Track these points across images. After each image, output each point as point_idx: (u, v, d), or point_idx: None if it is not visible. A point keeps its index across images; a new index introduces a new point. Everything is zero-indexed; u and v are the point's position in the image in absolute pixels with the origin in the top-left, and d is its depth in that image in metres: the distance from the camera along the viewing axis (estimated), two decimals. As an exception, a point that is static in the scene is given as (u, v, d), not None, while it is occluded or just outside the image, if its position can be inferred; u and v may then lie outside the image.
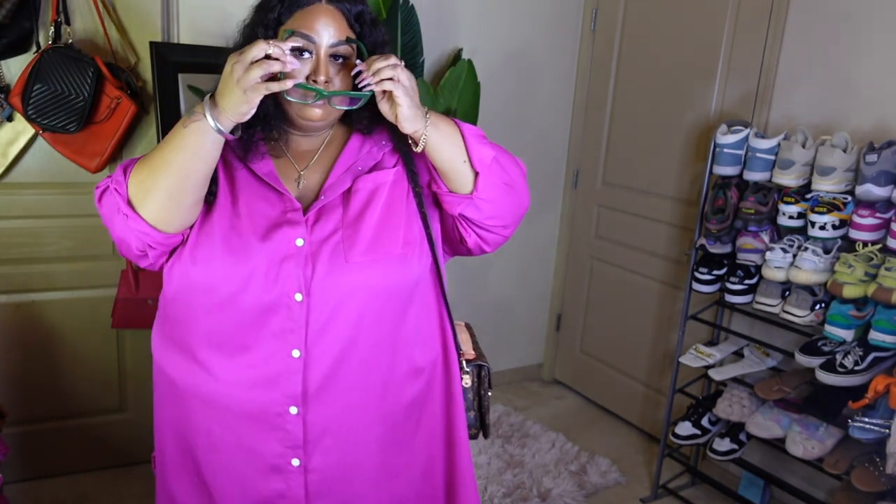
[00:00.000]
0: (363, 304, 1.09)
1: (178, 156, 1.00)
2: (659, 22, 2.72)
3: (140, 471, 2.47)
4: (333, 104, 1.05)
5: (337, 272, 1.07)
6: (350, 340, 1.10)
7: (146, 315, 2.31)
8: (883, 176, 1.79)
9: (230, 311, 1.08)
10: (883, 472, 1.79)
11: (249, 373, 1.09)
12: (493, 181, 1.10)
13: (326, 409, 1.11)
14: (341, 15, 1.07)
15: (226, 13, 2.36)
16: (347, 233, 1.09)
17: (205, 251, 1.07)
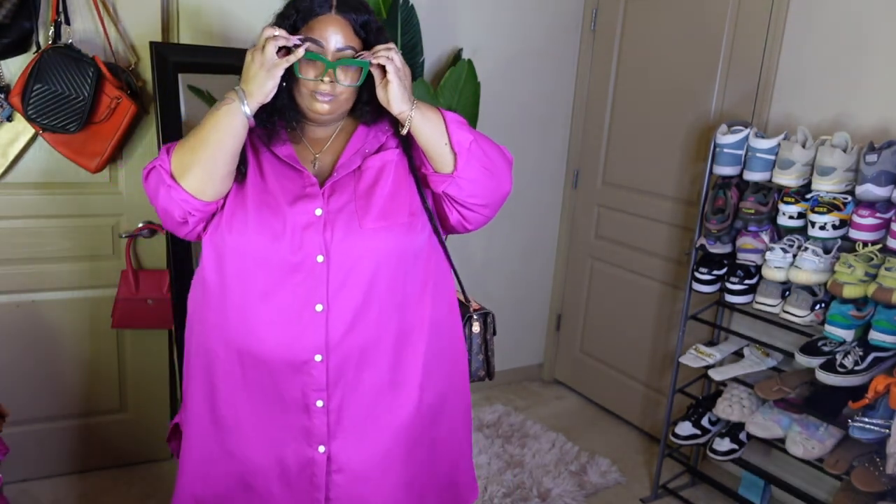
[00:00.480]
0: (376, 265, 1.27)
1: (213, 134, 1.20)
2: (659, 22, 2.72)
3: (140, 471, 2.47)
4: (340, 80, 1.22)
5: (352, 237, 1.25)
6: (365, 296, 1.27)
7: (146, 315, 2.31)
8: (883, 176, 1.79)
9: (260, 273, 1.25)
10: (883, 472, 1.79)
11: (279, 326, 1.25)
12: (472, 162, 1.26)
13: (346, 357, 1.28)
14: (348, 24, 1.24)
15: (226, 13, 2.36)
16: (360, 203, 1.27)
17: (239, 221, 1.25)
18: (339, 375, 1.28)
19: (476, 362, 1.52)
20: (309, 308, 1.25)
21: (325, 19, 1.22)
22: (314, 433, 1.30)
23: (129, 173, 2.27)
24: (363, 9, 1.27)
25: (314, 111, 1.26)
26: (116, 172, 2.26)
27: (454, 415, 1.45)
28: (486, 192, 1.30)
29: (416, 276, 1.33)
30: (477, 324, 1.51)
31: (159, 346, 2.43)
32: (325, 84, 1.22)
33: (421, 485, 1.40)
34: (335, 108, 1.26)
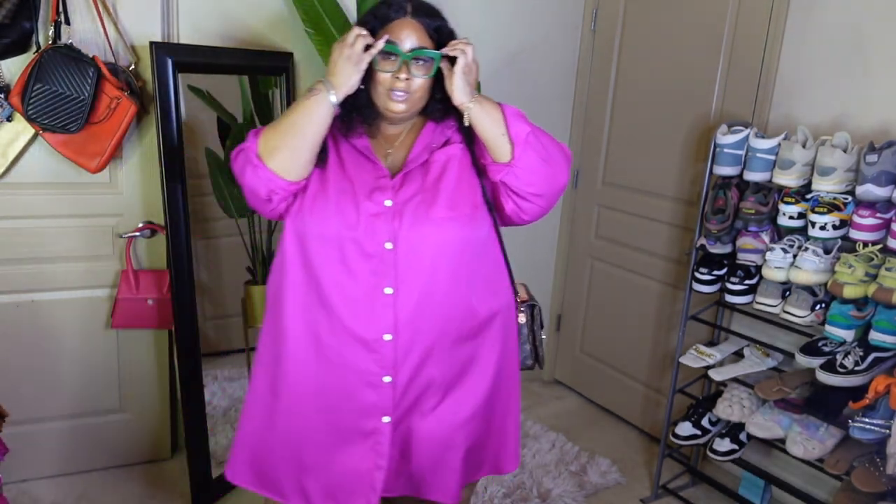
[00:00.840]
0: (440, 253, 1.38)
1: (300, 120, 1.33)
2: (659, 22, 2.72)
3: (140, 471, 2.47)
4: (413, 73, 1.34)
5: (418, 226, 1.36)
6: (430, 281, 1.38)
7: (146, 315, 2.31)
8: (883, 176, 1.79)
9: (337, 257, 1.37)
10: (883, 472, 1.78)
11: (353, 307, 1.36)
12: (528, 152, 1.35)
13: (412, 337, 1.39)
14: (422, 27, 1.36)
15: (226, 13, 2.36)
16: (427, 195, 1.38)
17: (320, 207, 1.37)
18: (406, 354, 1.39)
19: (523, 352, 1.61)
20: (379, 291, 1.36)
21: (401, 23, 1.35)
22: (380, 406, 1.41)
23: (130, 173, 2.27)
24: (436, 14, 1.40)
25: (390, 110, 1.37)
26: (116, 172, 2.26)
27: (507, 397, 1.56)
28: (541, 181, 1.38)
29: (477, 265, 1.44)
30: (523, 315, 1.60)
31: (159, 346, 2.43)
32: (401, 82, 1.34)
33: (475, 455, 1.53)
34: (410, 107, 1.38)
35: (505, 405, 1.57)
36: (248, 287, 2.72)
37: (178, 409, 2.51)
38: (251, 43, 2.39)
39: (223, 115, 2.57)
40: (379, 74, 1.35)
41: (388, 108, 1.37)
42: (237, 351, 3.00)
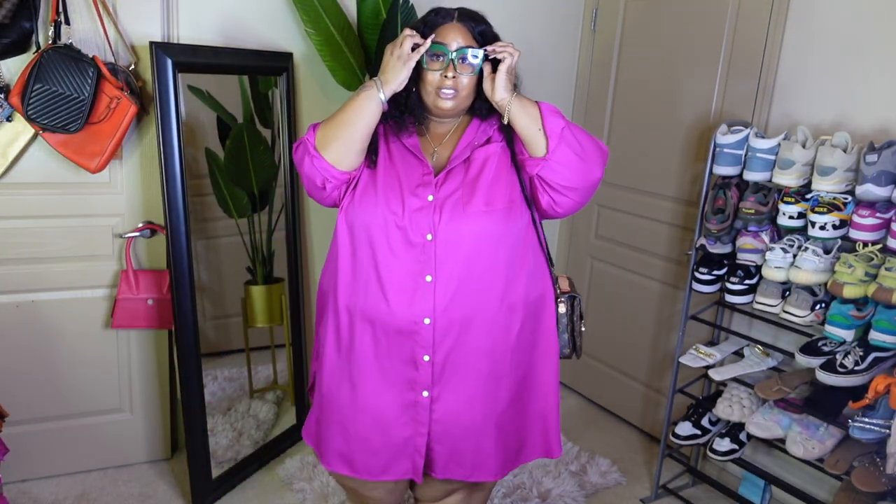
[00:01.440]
0: (476, 244, 1.48)
1: (352, 115, 1.46)
2: (659, 22, 2.72)
3: (140, 471, 2.48)
4: (459, 72, 1.45)
5: (457, 219, 1.47)
6: (467, 271, 1.49)
7: (146, 315, 2.31)
8: (883, 176, 1.79)
9: (383, 246, 1.49)
10: (883, 472, 1.78)
11: (397, 293, 1.49)
12: (562, 146, 1.43)
13: (450, 322, 1.50)
14: (467, 30, 1.48)
15: (226, 13, 2.36)
16: (466, 191, 1.48)
17: (369, 200, 1.50)
18: (444, 337, 1.51)
19: (561, 341, 1.67)
20: (421, 278, 1.48)
21: (448, 27, 1.47)
22: (419, 381, 1.54)
23: (130, 173, 2.27)
24: (481, 19, 1.52)
25: (439, 108, 1.49)
26: (116, 172, 2.26)
27: (545, 383, 1.65)
28: (576, 175, 1.46)
29: (514, 257, 1.53)
30: (563, 305, 1.66)
31: (159, 346, 2.43)
32: (448, 80, 1.45)
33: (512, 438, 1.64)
34: (457, 105, 1.49)
35: (544, 391, 1.66)
36: (248, 287, 2.72)
37: (178, 409, 2.52)
38: (251, 43, 2.40)
39: (223, 115, 2.57)
40: (428, 74, 1.46)
41: (436, 105, 1.49)
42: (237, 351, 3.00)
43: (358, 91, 1.47)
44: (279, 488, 2.44)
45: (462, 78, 1.46)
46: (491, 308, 1.53)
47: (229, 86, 2.58)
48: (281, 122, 2.49)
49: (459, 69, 1.46)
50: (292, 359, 2.71)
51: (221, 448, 2.53)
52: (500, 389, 1.59)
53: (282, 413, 2.84)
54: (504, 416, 1.61)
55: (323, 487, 2.40)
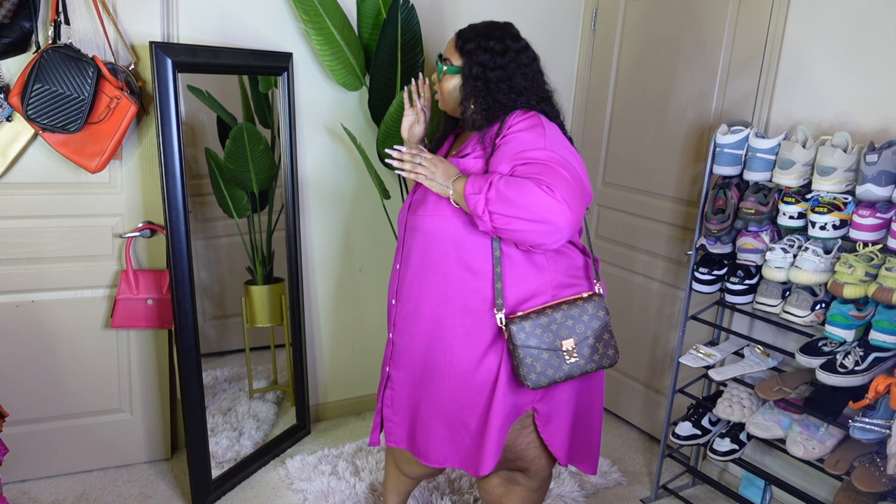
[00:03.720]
0: (426, 241, 1.69)
1: None
2: (659, 22, 2.72)
3: (140, 471, 2.47)
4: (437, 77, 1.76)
5: (414, 218, 1.72)
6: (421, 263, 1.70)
7: (146, 315, 2.31)
8: (883, 176, 1.79)
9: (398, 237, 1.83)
10: (884, 472, 1.78)
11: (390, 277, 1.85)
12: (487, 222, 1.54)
13: (403, 304, 1.76)
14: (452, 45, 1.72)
15: (226, 13, 2.36)
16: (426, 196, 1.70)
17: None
18: (401, 319, 1.77)
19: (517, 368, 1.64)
20: (397, 265, 1.80)
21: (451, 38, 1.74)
22: (386, 357, 1.84)
23: (129, 173, 2.27)
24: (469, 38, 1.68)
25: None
26: (116, 172, 2.26)
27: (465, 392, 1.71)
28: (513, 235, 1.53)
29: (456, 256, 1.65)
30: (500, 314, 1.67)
31: (159, 346, 2.43)
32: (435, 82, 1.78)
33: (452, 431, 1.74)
34: (443, 107, 1.77)
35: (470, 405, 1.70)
36: (248, 287, 2.72)
37: (178, 409, 2.52)
38: (251, 43, 2.39)
39: (223, 115, 2.57)
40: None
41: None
42: (237, 351, 3.01)
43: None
44: (279, 488, 2.44)
45: (441, 84, 1.75)
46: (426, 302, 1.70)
47: (229, 86, 2.58)
48: (281, 122, 2.49)
49: (438, 75, 1.75)
50: (292, 359, 2.71)
51: (221, 448, 2.53)
52: (436, 385, 1.71)
53: (282, 413, 2.84)
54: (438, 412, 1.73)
55: (323, 487, 2.40)
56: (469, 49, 1.67)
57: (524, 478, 1.85)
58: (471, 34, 1.68)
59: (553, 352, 1.63)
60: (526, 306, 1.65)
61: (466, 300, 1.65)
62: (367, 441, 2.71)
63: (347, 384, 2.96)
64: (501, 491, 1.90)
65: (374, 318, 2.94)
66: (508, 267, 1.64)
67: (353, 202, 2.77)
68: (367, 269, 2.88)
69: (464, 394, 1.68)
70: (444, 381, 1.70)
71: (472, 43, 1.66)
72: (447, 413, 1.72)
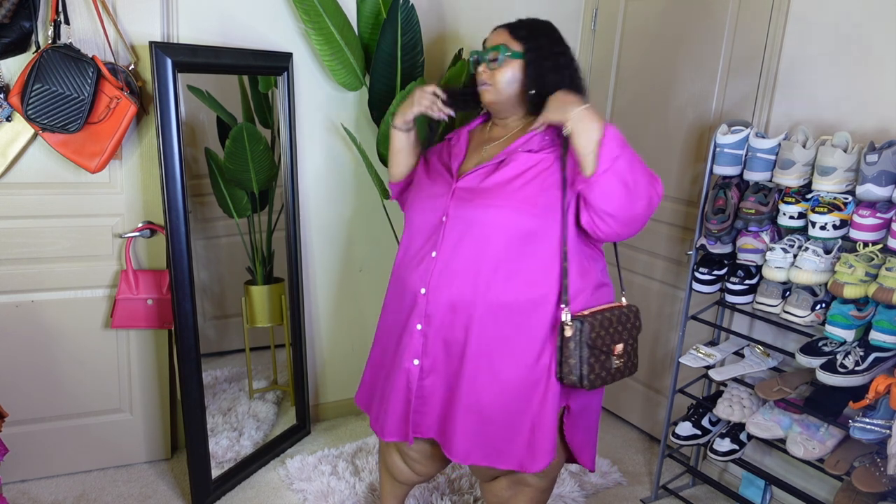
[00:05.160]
0: (479, 233, 1.63)
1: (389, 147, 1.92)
2: (659, 22, 2.71)
3: (140, 471, 2.47)
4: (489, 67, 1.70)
5: (464, 208, 1.65)
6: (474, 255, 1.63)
7: (146, 315, 2.31)
8: (883, 176, 1.79)
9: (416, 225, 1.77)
10: (884, 472, 1.78)
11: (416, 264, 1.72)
12: (609, 175, 1.52)
13: (438, 296, 1.67)
14: (507, 32, 1.71)
15: (226, 13, 2.36)
16: (481, 185, 1.66)
17: (413, 194, 1.86)
18: (434, 311, 1.67)
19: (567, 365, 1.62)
20: (430, 253, 1.69)
21: (494, 32, 1.75)
22: (411, 349, 1.71)
23: (129, 173, 2.27)
24: (526, 24, 1.72)
25: (483, 100, 1.74)
26: (116, 172, 2.26)
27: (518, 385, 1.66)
28: (616, 204, 1.54)
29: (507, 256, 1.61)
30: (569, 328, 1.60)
31: (159, 346, 2.43)
32: (483, 73, 1.70)
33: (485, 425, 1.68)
34: (496, 97, 1.71)
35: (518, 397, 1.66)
36: (248, 287, 2.72)
37: (178, 409, 2.52)
38: (251, 43, 2.39)
39: (223, 115, 2.57)
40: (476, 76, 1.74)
41: (482, 98, 1.74)
42: (237, 351, 3.01)
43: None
44: (279, 488, 2.44)
45: (493, 73, 1.68)
46: (471, 294, 1.63)
47: (229, 86, 2.58)
48: (281, 122, 2.49)
49: (490, 66, 1.69)
50: (292, 359, 2.71)
51: (221, 448, 2.53)
52: (477, 379, 1.65)
53: (282, 413, 2.84)
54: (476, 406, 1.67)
55: (323, 487, 2.40)
56: (526, 35, 1.68)
57: (534, 478, 1.81)
58: (524, 22, 1.72)
59: (607, 354, 1.64)
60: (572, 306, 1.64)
61: (527, 294, 1.62)
62: (367, 441, 2.71)
63: (348, 384, 2.96)
64: (509, 493, 1.85)
65: (374, 318, 2.94)
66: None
67: (353, 202, 2.77)
68: (367, 269, 2.88)
69: (520, 390, 1.65)
70: (496, 378, 1.65)
71: (525, 30, 1.69)
72: (496, 409, 1.66)
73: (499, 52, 1.67)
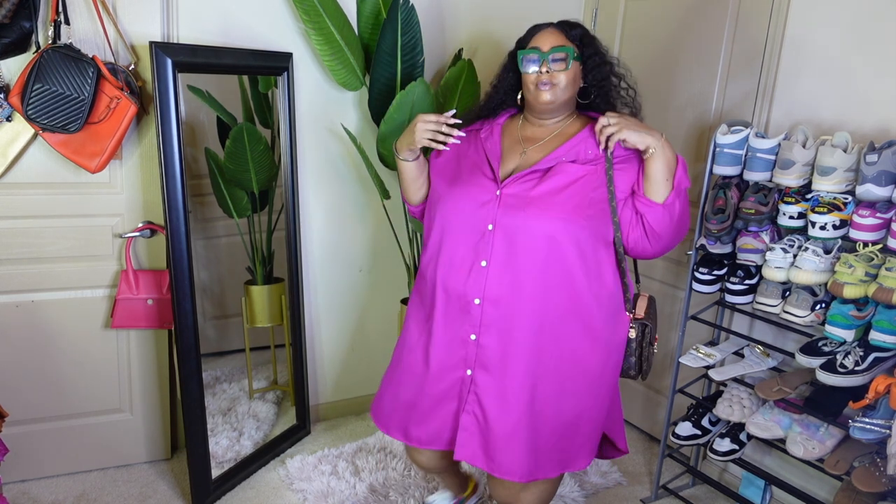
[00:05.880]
0: (531, 243, 1.61)
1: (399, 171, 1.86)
2: (659, 22, 2.71)
3: (140, 471, 2.47)
4: (552, 69, 1.65)
5: (513, 217, 1.62)
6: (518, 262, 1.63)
7: (146, 315, 2.31)
8: (883, 176, 1.79)
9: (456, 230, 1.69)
10: (884, 472, 1.78)
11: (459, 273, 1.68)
12: (677, 203, 1.62)
13: (496, 305, 1.64)
14: (561, 33, 1.69)
15: (226, 13, 2.36)
16: (531, 194, 1.63)
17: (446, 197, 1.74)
18: (491, 319, 1.65)
19: (627, 362, 1.76)
20: (478, 262, 1.65)
21: (543, 33, 1.70)
22: (467, 359, 1.69)
23: (129, 173, 2.27)
24: (577, 25, 1.72)
25: (540, 101, 1.67)
26: (116, 172, 2.26)
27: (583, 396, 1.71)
28: (670, 229, 1.65)
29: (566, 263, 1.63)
30: (633, 330, 1.73)
31: (159, 346, 2.43)
32: (544, 74, 1.65)
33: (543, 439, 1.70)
34: (555, 98, 1.67)
35: (579, 404, 1.71)
36: (248, 287, 2.73)
37: (178, 409, 2.52)
38: (251, 43, 2.39)
39: (223, 115, 2.58)
40: (526, 76, 1.68)
41: (538, 99, 1.67)
42: (237, 351, 3.01)
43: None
44: (279, 488, 2.44)
45: (557, 74, 1.65)
46: (537, 303, 1.63)
47: (229, 86, 2.58)
48: (281, 122, 2.49)
49: (552, 66, 1.65)
50: (292, 359, 2.71)
51: (221, 448, 2.53)
52: (537, 389, 1.67)
53: (282, 413, 2.85)
54: (538, 417, 1.68)
55: (323, 487, 2.40)
56: (580, 37, 1.70)
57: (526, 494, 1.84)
58: (572, 24, 1.73)
59: (651, 346, 1.78)
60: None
61: (581, 302, 1.65)
62: (367, 441, 2.71)
63: (347, 384, 2.96)
64: (519, 487, 1.83)
65: (375, 318, 2.95)
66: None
67: (353, 202, 2.77)
68: (367, 269, 2.88)
69: (583, 397, 1.71)
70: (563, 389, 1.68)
71: (578, 30, 1.71)
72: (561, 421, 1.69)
73: (567, 53, 1.65)
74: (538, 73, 1.65)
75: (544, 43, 1.67)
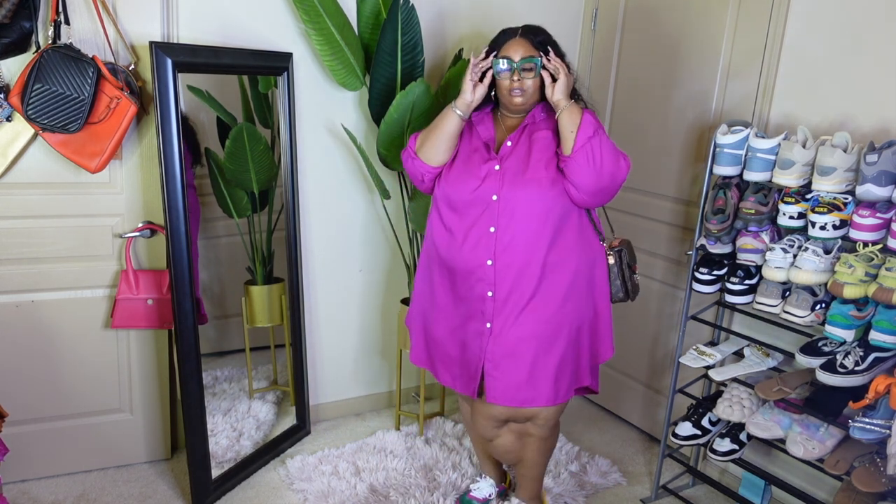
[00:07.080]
0: (530, 204, 1.89)
1: (438, 126, 2.00)
2: (659, 22, 2.71)
3: (140, 471, 2.48)
4: (523, 76, 1.91)
5: (514, 184, 1.90)
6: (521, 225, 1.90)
7: (146, 315, 2.31)
8: (883, 176, 1.79)
9: (464, 203, 1.96)
10: (884, 472, 1.78)
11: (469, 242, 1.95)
12: (582, 153, 1.84)
13: (507, 264, 1.92)
14: (528, 42, 1.93)
15: (226, 13, 2.36)
16: (521, 165, 1.92)
17: (451, 176, 2.00)
18: (503, 276, 1.92)
19: (614, 286, 2.07)
20: (486, 230, 1.93)
21: (513, 42, 1.94)
22: (485, 313, 1.96)
23: (129, 173, 2.27)
24: (541, 32, 1.96)
25: (512, 104, 1.96)
26: (116, 172, 2.26)
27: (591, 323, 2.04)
28: (586, 178, 1.85)
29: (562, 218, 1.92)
30: (611, 257, 2.04)
31: (159, 346, 2.43)
32: (515, 82, 1.92)
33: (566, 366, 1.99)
34: (525, 101, 1.95)
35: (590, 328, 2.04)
36: (248, 287, 2.73)
37: (178, 409, 2.52)
38: (251, 43, 2.39)
39: (223, 115, 2.57)
40: (500, 81, 1.94)
41: (511, 102, 1.95)
42: (237, 351, 3.01)
43: (445, 109, 1.99)
44: (279, 488, 2.44)
45: (525, 81, 1.91)
46: (541, 258, 1.91)
47: (229, 86, 2.58)
48: (281, 122, 2.49)
49: (523, 75, 1.91)
50: (292, 359, 2.71)
51: (221, 448, 2.53)
52: (553, 326, 1.94)
53: (282, 413, 2.85)
54: (557, 348, 1.95)
55: (323, 487, 2.40)
56: (542, 43, 1.93)
57: (534, 427, 2.07)
58: (534, 29, 1.97)
59: (632, 272, 2.10)
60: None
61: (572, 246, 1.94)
62: (367, 441, 2.72)
63: (348, 384, 2.96)
64: (518, 445, 2.13)
65: (374, 317, 2.94)
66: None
67: (353, 202, 2.77)
68: (366, 269, 2.88)
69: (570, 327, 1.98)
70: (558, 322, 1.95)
71: (541, 36, 1.95)
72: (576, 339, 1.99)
73: (535, 63, 1.90)
74: (511, 80, 1.92)
75: (514, 53, 1.91)
